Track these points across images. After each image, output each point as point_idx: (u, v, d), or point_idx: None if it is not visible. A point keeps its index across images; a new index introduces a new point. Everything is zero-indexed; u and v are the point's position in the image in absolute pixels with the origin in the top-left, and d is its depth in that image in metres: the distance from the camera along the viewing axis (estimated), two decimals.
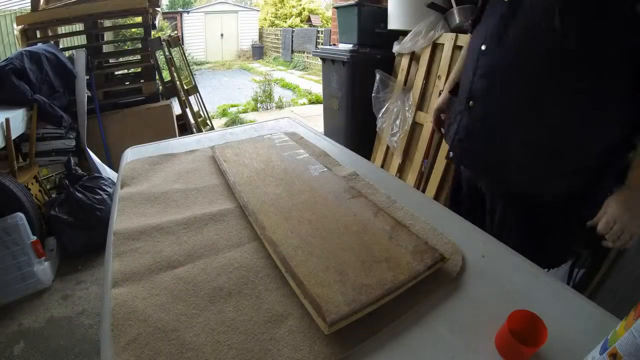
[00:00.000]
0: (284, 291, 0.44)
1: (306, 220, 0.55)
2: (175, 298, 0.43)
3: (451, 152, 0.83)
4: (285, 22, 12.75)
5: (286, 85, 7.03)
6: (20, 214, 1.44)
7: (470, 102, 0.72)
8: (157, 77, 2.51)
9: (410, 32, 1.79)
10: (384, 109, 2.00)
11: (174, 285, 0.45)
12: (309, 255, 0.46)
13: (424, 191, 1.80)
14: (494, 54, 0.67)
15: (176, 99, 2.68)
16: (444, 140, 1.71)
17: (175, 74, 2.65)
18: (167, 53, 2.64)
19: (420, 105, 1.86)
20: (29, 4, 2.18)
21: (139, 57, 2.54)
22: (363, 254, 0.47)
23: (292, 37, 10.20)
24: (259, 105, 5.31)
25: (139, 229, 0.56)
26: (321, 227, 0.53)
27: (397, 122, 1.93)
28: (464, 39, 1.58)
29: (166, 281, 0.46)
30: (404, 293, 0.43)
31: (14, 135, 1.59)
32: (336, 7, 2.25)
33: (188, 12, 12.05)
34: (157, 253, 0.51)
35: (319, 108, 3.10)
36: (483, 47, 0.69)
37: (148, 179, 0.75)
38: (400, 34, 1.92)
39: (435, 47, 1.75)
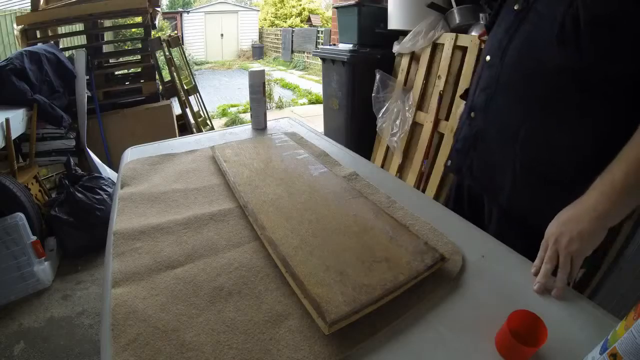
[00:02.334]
0: (284, 291, 0.44)
1: (306, 220, 0.55)
2: (175, 298, 0.43)
3: (449, 161, 0.79)
4: (285, 22, 12.76)
5: (286, 85, 7.04)
6: (20, 214, 1.44)
7: (472, 113, 0.70)
8: (157, 77, 2.51)
9: (410, 32, 1.79)
10: (384, 109, 2.00)
11: (174, 285, 0.45)
12: (309, 255, 0.46)
13: (424, 191, 1.80)
14: (496, 67, 0.63)
15: (176, 99, 2.68)
16: (443, 141, 1.72)
17: (175, 74, 2.65)
18: (167, 53, 2.64)
19: (420, 105, 1.86)
20: (29, 4, 2.18)
21: (139, 57, 2.54)
22: (363, 254, 0.47)
23: (292, 37, 10.21)
24: None
25: (139, 229, 0.56)
26: (321, 227, 0.53)
27: (397, 122, 1.94)
28: (464, 39, 1.58)
29: (166, 281, 0.46)
30: (404, 293, 0.43)
31: (14, 135, 1.59)
32: (336, 7, 2.25)
33: (188, 12, 12.06)
34: (157, 253, 0.51)
35: (319, 108, 3.10)
36: (488, 58, 0.66)
37: (148, 179, 0.75)
38: (400, 34, 1.92)
39: (435, 47, 1.75)
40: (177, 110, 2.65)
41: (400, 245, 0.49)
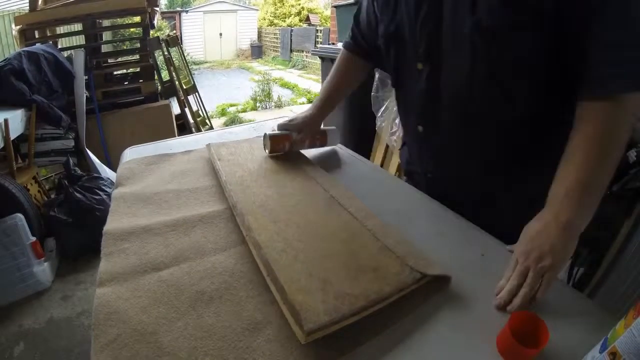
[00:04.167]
0: (266, 298, 0.43)
1: (294, 223, 0.54)
2: (157, 301, 0.42)
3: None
4: (284, 21, 12.71)
5: (285, 85, 7.02)
6: (20, 215, 1.45)
7: (428, 174, 0.71)
8: (155, 76, 2.51)
9: None
10: (384, 107, 1.98)
11: (157, 288, 0.44)
12: (293, 260, 0.45)
13: None
14: (435, 138, 0.64)
15: (175, 98, 2.68)
16: None
17: (174, 74, 2.65)
18: (165, 53, 2.63)
19: None
20: (28, 4, 2.18)
21: (137, 56, 2.54)
22: (349, 263, 0.46)
23: (291, 36, 10.18)
24: (257, 104, 5.31)
25: (128, 230, 0.56)
26: (308, 232, 0.52)
27: (397, 121, 1.92)
28: None
29: (150, 283, 0.45)
30: (392, 304, 0.41)
31: (13, 135, 1.59)
32: (335, 7, 2.24)
33: (187, 11, 12.05)
34: (143, 254, 0.50)
35: None
36: (420, 129, 0.65)
37: (143, 179, 0.74)
38: None
39: None
40: (176, 110, 2.65)
41: (390, 255, 0.47)
